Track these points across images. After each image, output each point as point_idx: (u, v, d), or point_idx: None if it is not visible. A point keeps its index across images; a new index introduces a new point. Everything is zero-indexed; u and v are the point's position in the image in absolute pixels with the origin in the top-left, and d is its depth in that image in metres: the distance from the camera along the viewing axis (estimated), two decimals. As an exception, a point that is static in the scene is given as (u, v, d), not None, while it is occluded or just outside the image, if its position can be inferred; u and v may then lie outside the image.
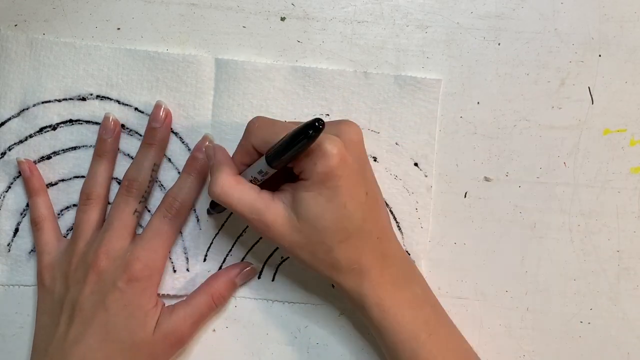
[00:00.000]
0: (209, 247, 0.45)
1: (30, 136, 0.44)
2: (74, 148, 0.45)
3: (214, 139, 0.44)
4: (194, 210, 0.45)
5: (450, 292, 0.45)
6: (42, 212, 0.44)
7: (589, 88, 0.46)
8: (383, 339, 0.39)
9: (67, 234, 0.45)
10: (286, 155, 0.36)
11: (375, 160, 0.45)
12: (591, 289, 0.45)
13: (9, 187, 0.45)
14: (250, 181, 0.39)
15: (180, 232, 0.44)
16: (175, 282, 0.44)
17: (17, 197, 0.45)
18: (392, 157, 0.45)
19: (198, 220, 0.45)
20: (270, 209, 0.37)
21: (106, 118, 0.44)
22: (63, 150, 0.45)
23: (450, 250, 0.45)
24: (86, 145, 0.45)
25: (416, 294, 0.40)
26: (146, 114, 0.45)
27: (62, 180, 0.45)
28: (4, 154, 0.44)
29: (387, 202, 0.45)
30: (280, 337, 0.45)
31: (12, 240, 0.44)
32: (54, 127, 0.44)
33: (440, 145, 0.45)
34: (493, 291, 0.45)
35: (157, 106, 0.44)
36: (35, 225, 0.44)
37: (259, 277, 0.45)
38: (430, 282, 0.45)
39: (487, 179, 0.46)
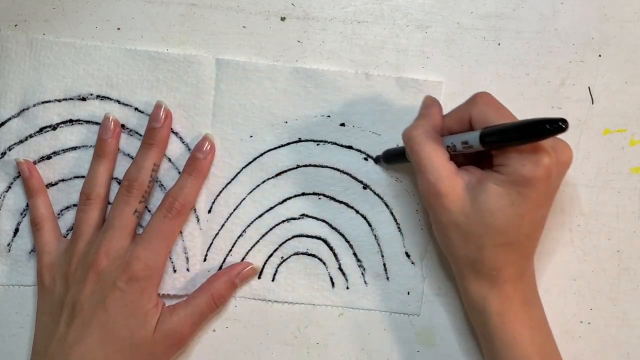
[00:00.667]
0: (209, 247, 0.45)
1: (30, 136, 0.44)
2: (74, 148, 0.45)
3: (215, 139, 0.44)
4: (194, 210, 0.45)
5: (450, 292, 0.45)
6: (41, 212, 0.44)
7: (589, 88, 0.46)
8: (494, 348, 0.39)
9: (67, 234, 0.45)
10: (507, 141, 0.34)
11: (376, 163, 0.45)
12: (591, 289, 0.45)
13: (9, 187, 0.45)
14: (447, 146, 0.38)
15: (180, 232, 0.44)
16: (175, 282, 0.44)
17: (17, 197, 0.45)
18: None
19: (198, 221, 0.45)
20: (451, 180, 0.37)
21: (106, 118, 0.44)
22: (63, 150, 0.45)
23: (451, 250, 0.45)
24: (86, 145, 0.45)
25: (537, 316, 0.40)
26: (146, 114, 0.45)
27: (62, 180, 0.45)
28: (4, 154, 0.44)
29: (388, 204, 0.45)
30: (280, 337, 0.45)
31: (12, 240, 0.44)
32: (54, 127, 0.44)
33: (440, 145, 0.45)
34: (493, 291, 0.45)
35: (157, 106, 0.44)
36: (35, 226, 0.44)
37: (259, 277, 0.45)
38: (430, 282, 0.45)
39: (487, 179, 0.46)
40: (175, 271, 0.44)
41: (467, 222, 0.37)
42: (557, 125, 0.31)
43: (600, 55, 0.46)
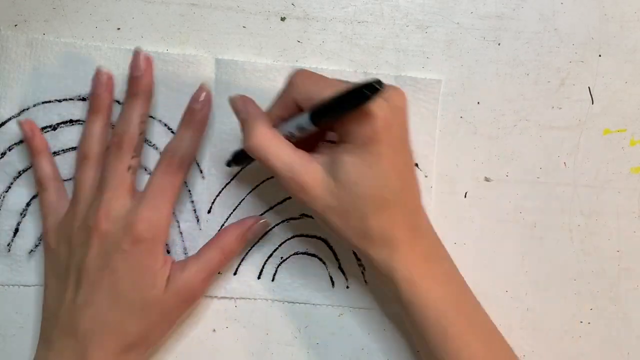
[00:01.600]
0: (209, 247, 0.45)
1: (30, 136, 0.44)
2: (74, 148, 0.45)
3: (214, 139, 0.44)
4: (194, 210, 0.45)
5: (450, 292, 0.45)
6: (46, 172, 0.43)
7: (589, 88, 0.46)
8: (411, 314, 0.38)
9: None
10: (335, 114, 0.34)
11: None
12: (591, 289, 0.45)
13: (9, 187, 0.45)
14: (285, 137, 0.37)
15: (180, 233, 0.44)
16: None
17: (17, 197, 0.44)
18: (392, 157, 0.45)
19: (198, 221, 0.45)
20: (307, 169, 0.36)
21: (99, 72, 0.43)
22: (63, 150, 0.45)
23: (450, 250, 0.45)
24: (86, 145, 0.45)
25: (445, 269, 0.39)
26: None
27: (63, 180, 0.45)
28: (4, 154, 0.44)
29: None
30: (280, 337, 0.45)
31: (12, 240, 0.44)
32: (54, 127, 0.44)
33: (440, 145, 0.45)
34: (493, 291, 0.45)
35: (136, 53, 0.42)
36: (40, 186, 0.43)
37: (259, 278, 0.45)
38: (430, 282, 0.45)
39: (487, 179, 0.46)
40: (175, 271, 0.44)
41: (339, 202, 0.36)
42: (374, 88, 0.32)
43: (600, 55, 0.46)
